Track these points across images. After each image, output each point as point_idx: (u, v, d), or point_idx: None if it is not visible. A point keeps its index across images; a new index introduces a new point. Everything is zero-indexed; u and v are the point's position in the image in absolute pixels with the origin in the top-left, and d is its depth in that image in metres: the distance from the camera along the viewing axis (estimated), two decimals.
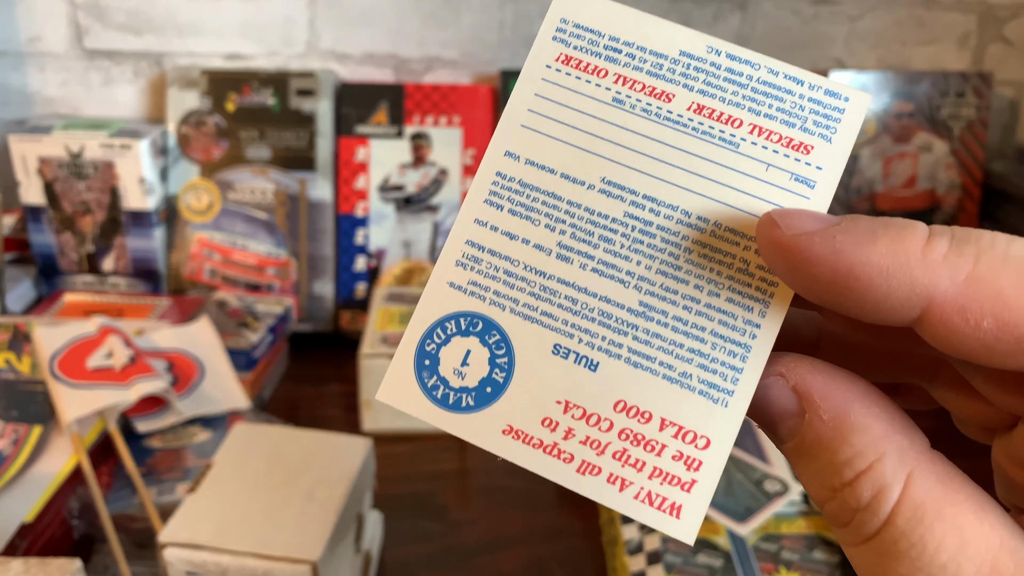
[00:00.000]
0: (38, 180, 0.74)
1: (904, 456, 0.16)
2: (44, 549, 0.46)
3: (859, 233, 0.16)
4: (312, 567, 0.39)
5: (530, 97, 0.20)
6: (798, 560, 0.47)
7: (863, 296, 0.15)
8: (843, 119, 0.19)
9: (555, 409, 0.18)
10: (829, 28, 0.81)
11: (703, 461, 0.17)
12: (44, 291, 0.77)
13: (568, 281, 0.18)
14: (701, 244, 0.18)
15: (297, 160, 0.77)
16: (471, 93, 0.78)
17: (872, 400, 0.17)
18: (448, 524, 0.55)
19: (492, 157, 0.19)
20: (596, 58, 0.20)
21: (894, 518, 0.15)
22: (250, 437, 0.48)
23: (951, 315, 0.15)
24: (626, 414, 0.18)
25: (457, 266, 0.19)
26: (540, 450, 0.18)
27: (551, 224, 0.19)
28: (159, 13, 0.78)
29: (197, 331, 0.65)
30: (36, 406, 0.53)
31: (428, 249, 0.79)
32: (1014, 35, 0.83)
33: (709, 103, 0.19)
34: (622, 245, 0.18)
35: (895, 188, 0.80)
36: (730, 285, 0.18)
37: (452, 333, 0.19)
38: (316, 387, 0.71)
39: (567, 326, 0.18)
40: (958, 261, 0.15)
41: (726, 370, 0.18)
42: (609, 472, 0.17)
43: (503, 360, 0.18)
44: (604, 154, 0.19)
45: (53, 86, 0.80)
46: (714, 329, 0.18)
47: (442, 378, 0.18)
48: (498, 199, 0.19)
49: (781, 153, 0.19)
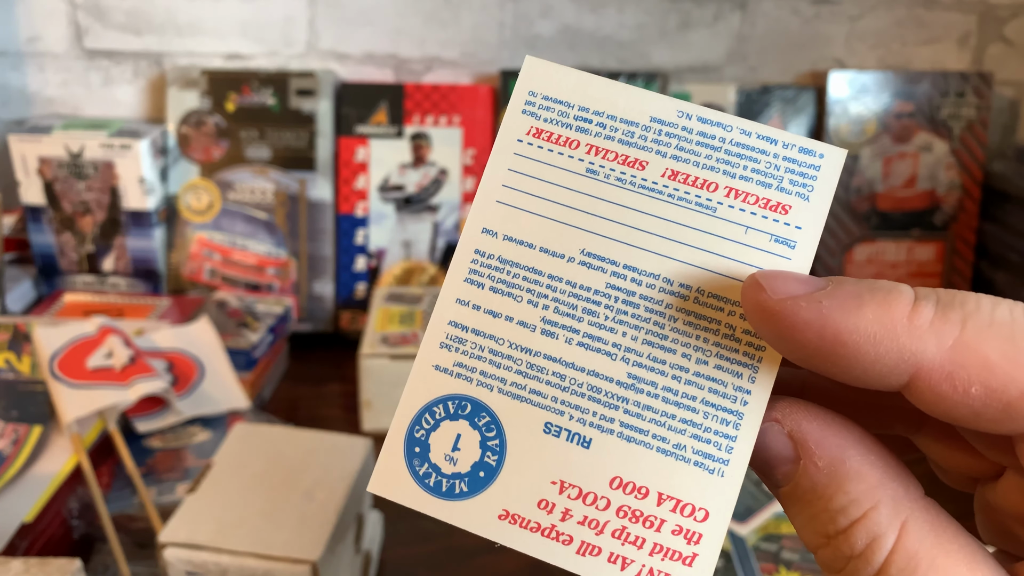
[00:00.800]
0: (38, 180, 0.74)
1: (899, 504, 0.16)
2: (44, 549, 0.46)
3: (845, 298, 0.16)
4: (312, 567, 0.39)
5: (503, 172, 0.19)
6: (798, 560, 0.47)
7: (851, 363, 0.15)
8: (819, 175, 0.19)
9: (551, 490, 0.18)
10: (829, 28, 0.81)
11: (703, 534, 0.17)
12: (44, 291, 0.77)
13: (555, 357, 0.18)
14: (685, 312, 0.18)
15: (297, 160, 0.77)
16: (471, 93, 0.78)
17: (867, 447, 0.17)
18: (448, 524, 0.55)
19: (470, 235, 0.19)
20: (567, 129, 0.20)
21: (887, 568, 0.15)
22: (250, 437, 0.48)
23: (939, 382, 0.15)
24: (623, 490, 0.17)
25: (441, 348, 0.19)
26: (538, 533, 0.18)
27: (533, 300, 0.19)
28: (159, 13, 0.78)
29: (197, 331, 0.65)
30: (36, 406, 0.53)
31: (428, 249, 0.79)
32: (1014, 35, 0.83)
33: (683, 168, 0.19)
34: (606, 317, 0.18)
35: (895, 188, 0.80)
36: (717, 352, 0.18)
37: (441, 418, 0.18)
38: (316, 387, 0.71)
39: (557, 403, 0.18)
40: (944, 327, 0.15)
41: (720, 439, 0.17)
42: (610, 551, 0.17)
43: (494, 443, 0.18)
44: (582, 225, 0.19)
45: (53, 86, 0.80)
46: (705, 398, 0.18)
47: (434, 465, 0.18)
48: (479, 277, 0.19)
49: (759, 215, 0.18)
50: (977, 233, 0.82)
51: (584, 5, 0.79)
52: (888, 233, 0.81)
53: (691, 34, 0.81)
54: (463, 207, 0.78)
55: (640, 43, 0.81)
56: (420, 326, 0.67)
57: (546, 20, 0.80)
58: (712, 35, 0.81)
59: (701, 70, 0.82)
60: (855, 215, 0.80)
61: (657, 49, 0.81)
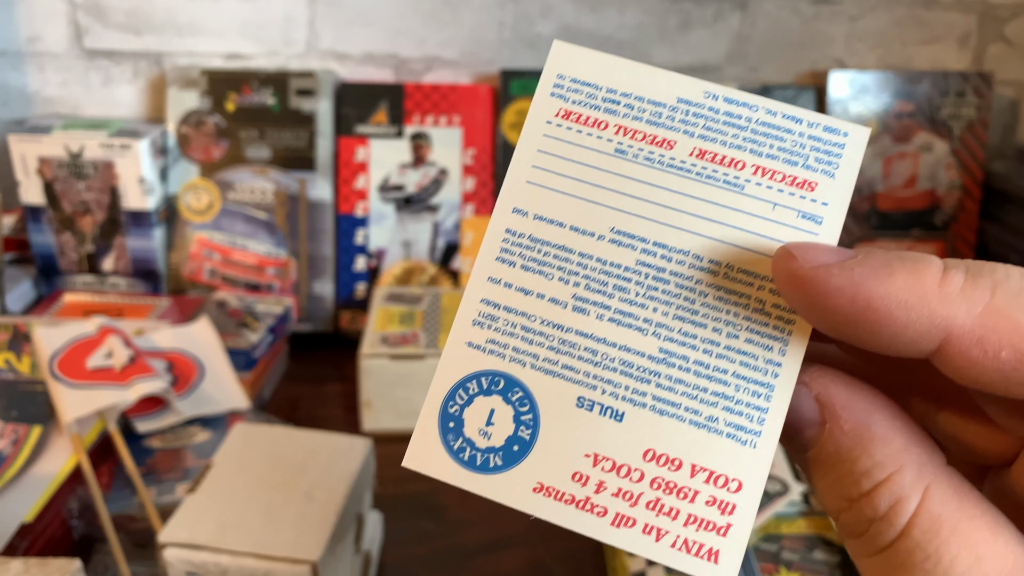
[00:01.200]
0: (38, 180, 0.74)
1: (923, 469, 0.16)
2: (44, 549, 0.46)
3: (876, 266, 0.16)
4: (312, 567, 0.39)
5: (533, 153, 0.20)
6: (798, 560, 0.47)
7: (882, 328, 0.16)
8: (844, 154, 0.19)
9: (584, 463, 0.18)
10: (829, 28, 0.81)
11: (737, 504, 0.17)
12: (44, 291, 0.77)
13: (586, 332, 0.18)
14: (715, 287, 0.18)
15: (297, 160, 0.77)
16: (471, 93, 0.78)
17: (892, 412, 0.17)
18: (448, 524, 0.55)
19: (500, 215, 0.19)
20: (595, 111, 0.20)
21: (910, 530, 0.15)
22: (250, 437, 0.48)
23: (969, 347, 0.15)
24: (656, 462, 0.18)
25: (474, 326, 0.19)
26: (573, 506, 0.18)
27: (564, 277, 0.19)
28: (159, 13, 0.78)
29: (197, 331, 0.65)
30: (36, 406, 0.53)
31: (428, 249, 0.79)
32: (1014, 35, 0.83)
33: (710, 147, 0.19)
34: (637, 293, 0.19)
35: (895, 188, 0.80)
36: (748, 326, 0.18)
37: (475, 393, 0.19)
38: (316, 387, 0.71)
39: (589, 378, 0.18)
40: (975, 293, 0.15)
41: (751, 411, 0.18)
42: (644, 523, 0.17)
43: (528, 417, 0.18)
44: (611, 204, 0.19)
45: (53, 86, 0.80)
46: (736, 371, 0.18)
47: (468, 439, 0.18)
48: (509, 256, 0.19)
49: (786, 192, 0.19)
50: (977, 233, 0.82)
51: (584, 5, 0.79)
52: (888, 233, 0.81)
53: (691, 34, 0.81)
54: (463, 207, 0.78)
55: (640, 43, 0.81)
56: (420, 326, 0.67)
57: (546, 20, 0.80)
58: (712, 35, 0.81)
59: (701, 70, 0.82)
60: (855, 215, 0.80)
61: (657, 49, 0.81)
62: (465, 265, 0.79)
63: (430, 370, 0.63)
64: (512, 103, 0.78)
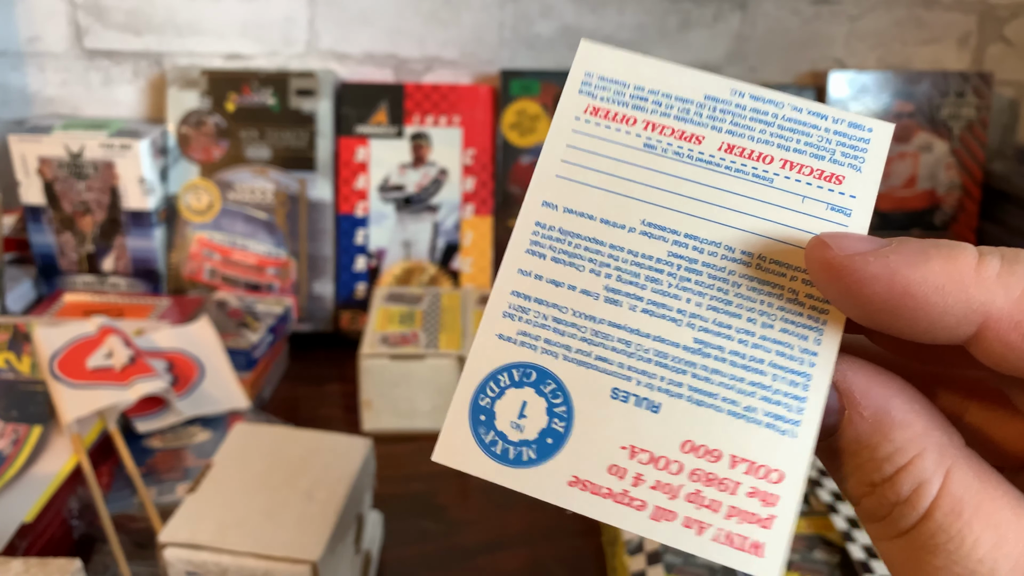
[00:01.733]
0: (38, 180, 0.74)
1: (944, 452, 0.16)
2: (44, 549, 0.46)
3: (911, 253, 0.16)
4: (312, 567, 0.39)
5: (562, 148, 0.20)
6: (798, 560, 0.47)
7: (919, 315, 0.16)
8: (869, 148, 0.19)
9: (621, 455, 0.17)
10: (829, 28, 0.81)
11: (779, 495, 0.17)
12: (44, 291, 0.77)
13: (619, 323, 0.18)
14: (748, 277, 0.18)
15: (297, 160, 0.77)
16: (471, 93, 0.78)
17: (911, 397, 0.17)
18: (448, 524, 0.55)
19: (530, 208, 0.20)
20: (623, 107, 0.20)
21: (932, 512, 0.16)
22: (250, 437, 0.48)
23: (1008, 331, 0.15)
24: (695, 454, 0.17)
25: (505, 317, 0.19)
26: (610, 499, 0.17)
27: (596, 269, 0.19)
28: (159, 13, 0.78)
29: (197, 331, 0.65)
30: (36, 406, 0.53)
31: (428, 249, 0.79)
32: (1014, 35, 0.83)
33: (739, 142, 0.20)
34: (670, 284, 0.18)
35: (895, 188, 0.81)
36: (782, 316, 0.18)
37: (506, 385, 0.18)
38: (316, 387, 0.71)
39: (624, 369, 0.18)
40: (1011, 279, 0.15)
41: (790, 400, 0.17)
42: (685, 516, 0.17)
43: (561, 409, 0.18)
44: (641, 197, 0.19)
45: (53, 86, 0.80)
46: (772, 360, 0.18)
47: (500, 433, 0.18)
48: (540, 248, 0.19)
49: (815, 185, 0.19)
50: (977, 233, 0.82)
51: (584, 5, 0.79)
52: (888, 233, 0.81)
53: (691, 34, 0.81)
54: (463, 207, 0.78)
55: (640, 43, 0.81)
56: (420, 326, 0.67)
57: (546, 20, 0.80)
58: (712, 35, 0.81)
59: (701, 70, 0.82)
60: None
61: (657, 49, 0.81)
62: (465, 265, 0.79)
63: (430, 370, 0.63)
64: (512, 103, 0.78)
